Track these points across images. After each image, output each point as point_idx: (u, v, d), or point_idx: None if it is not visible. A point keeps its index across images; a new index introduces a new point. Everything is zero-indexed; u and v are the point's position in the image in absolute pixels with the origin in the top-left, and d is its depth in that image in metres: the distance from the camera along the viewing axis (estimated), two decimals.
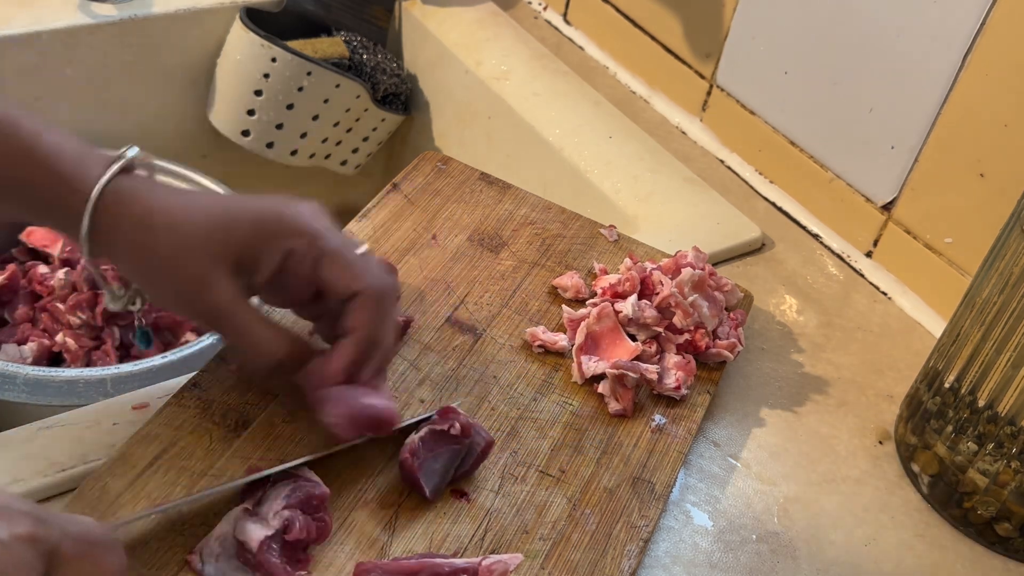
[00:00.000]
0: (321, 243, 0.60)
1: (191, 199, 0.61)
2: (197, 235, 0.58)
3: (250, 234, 0.59)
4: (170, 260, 0.59)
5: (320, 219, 0.61)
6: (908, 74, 0.85)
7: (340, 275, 0.60)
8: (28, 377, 0.83)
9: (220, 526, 0.56)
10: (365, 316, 0.61)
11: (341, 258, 0.60)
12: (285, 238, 0.60)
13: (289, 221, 0.60)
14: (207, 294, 0.59)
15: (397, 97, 1.19)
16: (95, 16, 1.06)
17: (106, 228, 0.58)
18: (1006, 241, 0.67)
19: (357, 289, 0.61)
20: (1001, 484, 0.68)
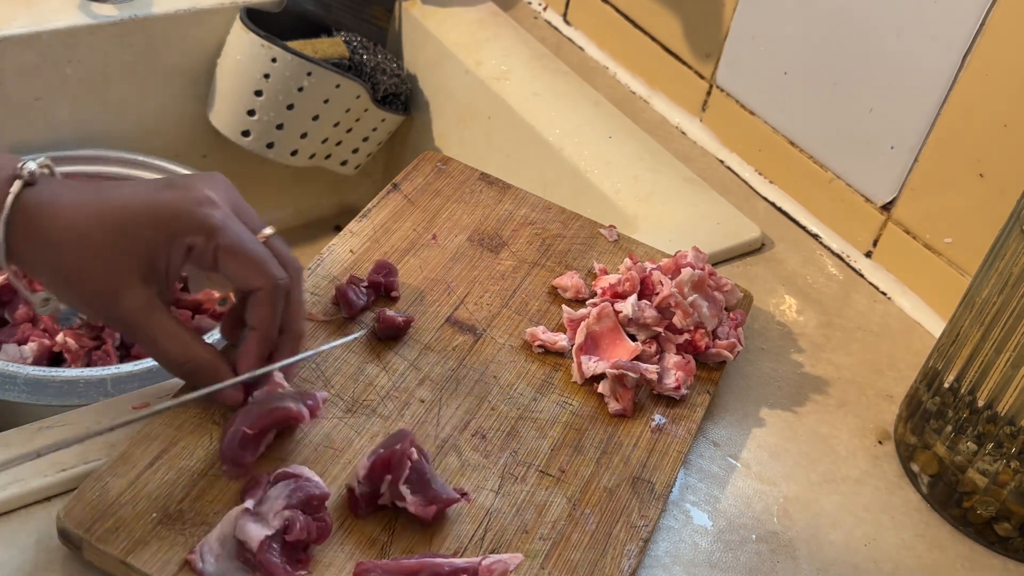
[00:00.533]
0: (218, 238, 0.59)
1: (95, 205, 0.59)
2: (102, 249, 0.58)
3: (152, 238, 0.59)
4: (78, 275, 0.59)
5: (219, 208, 0.60)
6: (908, 74, 0.85)
7: (236, 271, 0.61)
8: (28, 377, 0.83)
9: (220, 526, 0.56)
10: (264, 312, 0.61)
11: (236, 253, 0.60)
12: (184, 235, 0.59)
13: (186, 217, 0.59)
14: (118, 308, 0.60)
15: (397, 97, 1.19)
16: (95, 16, 1.06)
17: (19, 245, 0.59)
18: (1006, 241, 0.67)
19: (253, 286, 0.61)
20: (1001, 484, 0.68)
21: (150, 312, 0.60)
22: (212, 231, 0.59)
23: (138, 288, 0.59)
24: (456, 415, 0.67)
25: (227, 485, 0.59)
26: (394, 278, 0.75)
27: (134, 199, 0.60)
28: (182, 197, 0.60)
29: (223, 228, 0.60)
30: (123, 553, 0.55)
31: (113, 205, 0.59)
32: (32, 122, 1.07)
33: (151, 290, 0.60)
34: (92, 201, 0.59)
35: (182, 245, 0.60)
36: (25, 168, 0.58)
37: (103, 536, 0.55)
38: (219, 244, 0.59)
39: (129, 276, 0.59)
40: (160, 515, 0.57)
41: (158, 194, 0.60)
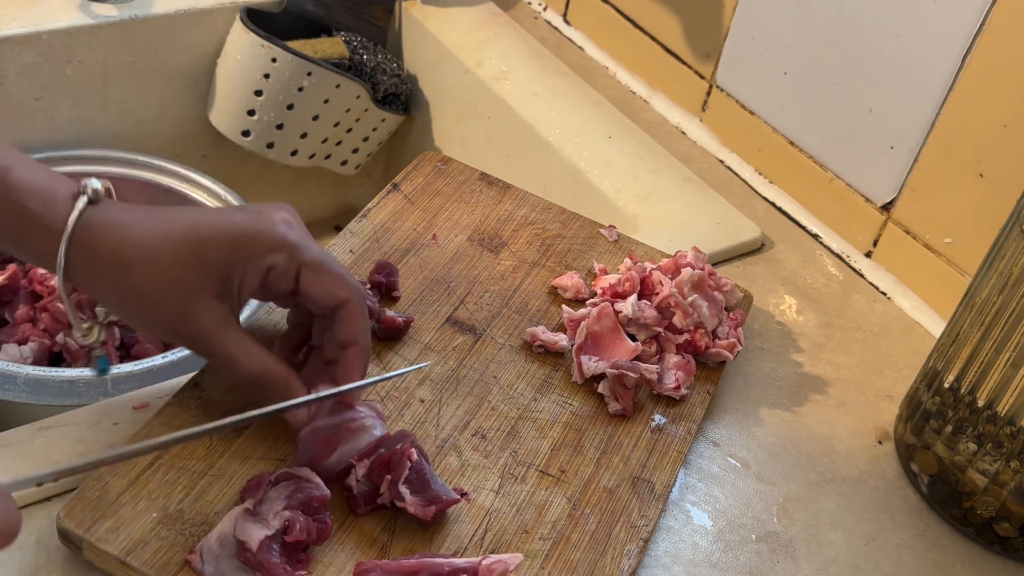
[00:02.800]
0: (300, 256, 0.59)
1: (163, 225, 0.58)
2: (174, 267, 0.58)
3: (228, 257, 0.58)
4: (150, 295, 0.58)
5: (294, 229, 0.60)
6: (908, 74, 0.85)
7: (324, 287, 0.60)
8: (28, 377, 0.83)
9: (220, 526, 0.56)
10: (358, 324, 0.61)
11: (322, 269, 0.60)
12: (263, 255, 0.59)
13: (264, 238, 0.59)
14: (191, 326, 0.59)
15: (397, 97, 1.19)
16: (95, 16, 1.06)
17: (80, 264, 0.58)
18: (1005, 241, 0.67)
19: (342, 299, 0.61)
20: (1001, 484, 0.68)
21: (224, 328, 0.59)
22: (294, 249, 0.59)
23: (211, 305, 0.59)
24: (456, 415, 0.67)
25: (227, 485, 0.59)
26: (395, 278, 0.75)
27: (205, 220, 0.59)
28: (257, 219, 0.59)
29: (304, 246, 0.60)
30: (123, 553, 0.55)
31: (184, 225, 0.58)
32: (32, 122, 1.07)
33: (225, 306, 0.59)
34: (161, 221, 0.59)
35: (260, 265, 0.59)
36: (89, 186, 0.58)
37: (103, 536, 0.55)
38: (303, 261, 0.59)
39: (202, 294, 0.58)
40: (160, 515, 0.57)
41: (231, 216, 0.60)
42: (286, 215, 0.61)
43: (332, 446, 0.61)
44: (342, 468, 0.60)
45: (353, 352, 0.62)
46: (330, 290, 0.60)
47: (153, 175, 1.08)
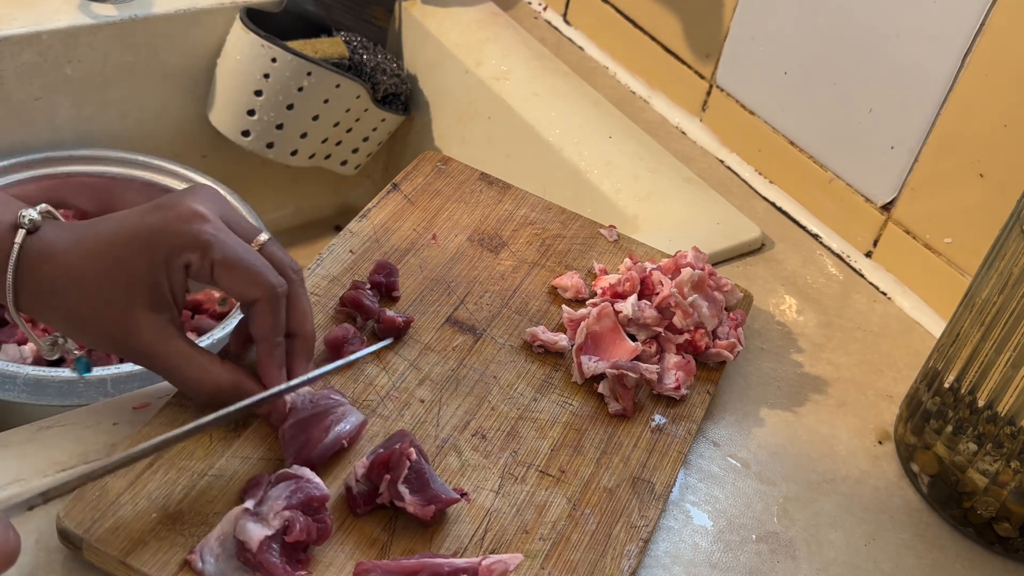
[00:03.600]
0: (210, 254, 0.59)
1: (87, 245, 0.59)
2: (102, 286, 0.58)
3: (147, 263, 0.58)
4: (88, 318, 0.59)
5: (207, 221, 0.59)
6: (908, 74, 0.85)
7: (233, 284, 0.60)
8: (28, 377, 0.83)
9: (220, 526, 0.56)
10: (265, 322, 0.61)
11: (231, 266, 0.59)
12: (177, 255, 0.59)
13: (175, 238, 0.58)
14: (132, 340, 0.60)
15: (397, 97, 1.19)
16: (95, 16, 1.06)
17: (26, 294, 0.59)
18: (1006, 241, 0.67)
19: (252, 297, 0.60)
20: (1001, 484, 0.68)
21: (165, 340, 0.60)
22: (204, 247, 0.58)
23: (147, 318, 0.59)
24: (456, 415, 0.67)
25: (227, 485, 0.59)
26: (395, 278, 0.75)
27: (122, 228, 0.59)
28: (168, 217, 0.59)
29: (214, 242, 0.59)
30: (123, 553, 0.55)
31: (103, 240, 0.59)
32: (32, 122, 1.07)
33: (162, 317, 0.60)
34: (85, 240, 0.59)
35: (178, 264, 0.59)
36: (26, 216, 0.59)
37: (103, 536, 0.55)
38: (213, 259, 0.59)
39: (134, 308, 0.59)
40: (160, 515, 0.57)
41: (145, 218, 0.59)
42: (199, 207, 0.59)
43: (324, 430, 0.61)
44: (336, 451, 0.61)
45: (260, 350, 0.62)
46: (239, 288, 0.60)
47: (153, 175, 1.08)
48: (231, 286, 0.60)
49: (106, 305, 0.59)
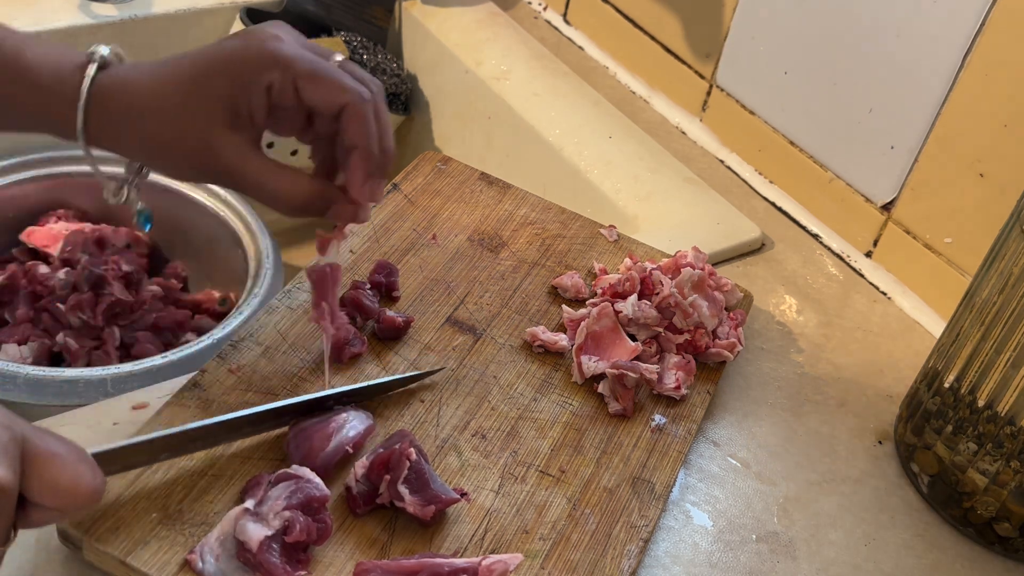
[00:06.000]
0: (295, 68, 0.59)
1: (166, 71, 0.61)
2: (183, 108, 0.60)
3: (227, 84, 0.59)
4: (168, 140, 0.60)
5: (285, 43, 0.60)
6: (908, 74, 0.85)
7: (321, 95, 0.60)
8: (28, 377, 0.83)
9: (220, 526, 0.56)
10: (360, 127, 0.61)
11: (317, 77, 0.59)
12: (259, 74, 0.59)
13: (256, 58, 0.59)
14: (214, 161, 0.61)
15: (397, 97, 1.19)
16: (95, 16, 1.06)
17: (99, 127, 0.61)
18: (1006, 241, 0.67)
19: (341, 103, 0.60)
20: (1001, 484, 0.68)
21: (247, 157, 0.61)
22: (287, 63, 0.59)
23: (228, 136, 0.60)
24: (456, 415, 0.67)
25: (227, 485, 0.59)
26: (395, 278, 0.75)
27: (201, 55, 0.60)
28: (248, 41, 0.60)
29: (296, 57, 0.59)
30: (123, 553, 0.55)
31: (183, 66, 0.60)
32: None
33: (242, 136, 0.60)
34: (162, 71, 0.61)
35: (260, 85, 0.59)
36: (97, 53, 0.60)
37: (103, 536, 0.55)
38: (297, 72, 0.59)
39: (215, 127, 0.60)
40: (160, 515, 0.57)
41: (223, 44, 0.61)
42: (277, 31, 0.61)
43: (326, 438, 0.61)
44: (339, 458, 0.61)
45: (356, 156, 0.61)
46: (328, 97, 0.60)
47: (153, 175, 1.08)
48: (320, 97, 0.60)
49: (187, 128, 0.60)
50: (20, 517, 0.47)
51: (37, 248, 1.03)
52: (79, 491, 0.47)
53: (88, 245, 1.01)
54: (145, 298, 0.99)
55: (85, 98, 0.60)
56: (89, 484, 0.48)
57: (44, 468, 0.46)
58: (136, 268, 1.01)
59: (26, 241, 1.03)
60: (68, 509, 0.48)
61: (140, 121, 0.60)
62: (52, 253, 1.02)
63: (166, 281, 1.03)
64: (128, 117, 0.60)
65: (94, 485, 0.48)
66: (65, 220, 1.05)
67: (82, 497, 0.47)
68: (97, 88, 0.60)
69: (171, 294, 1.03)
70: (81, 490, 0.47)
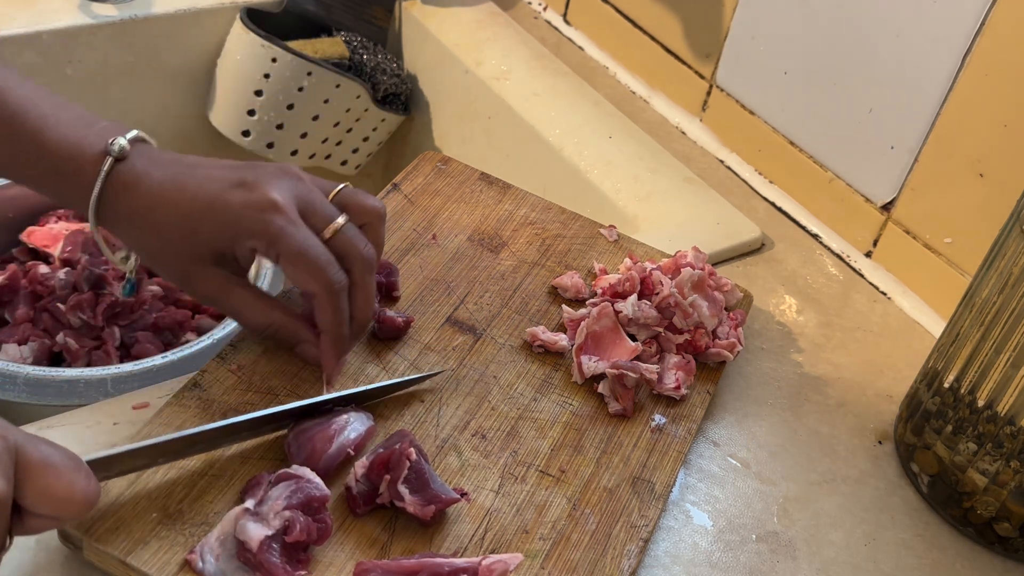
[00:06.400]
0: (276, 245, 0.62)
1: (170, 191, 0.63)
2: (175, 237, 0.64)
3: (218, 235, 0.63)
4: (159, 257, 0.65)
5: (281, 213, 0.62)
6: (908, 74, 0.85)
7: (295, 277, 0.63)
8: (28, 377, 0.83)
9: (220, 526, 0.56)
10: (326, 315, 0.64)
11: (296, 261, 0.62)
12: (248, 238, 0.63)
13: (248, 224, 0.62)
14: (197, 287, 0.65)
15: (397, 97, 1.19)
16: (95, 16, 1.06)
17: (108, 217, 0.64)
18: (1005, 241, 0.67)
19: (312, 291, 0.64)
20: (1001, 484, 0.68)
21: (226, 290, 0.65)
22: (272, 238, 0.62)
23: (211, 272, 0.65)
24: (456, 415, 0.67)
25: (227, 485, 0.59)
26: (395, 278, 0.75)
27: (206, 193, 0.63)
28: (246, 202, 0.62)
29: (282, 236, 0.62)
30: (123, 553, 0.55)
31: (185, 195, 0.63)
32: None
33: (225, 271, 0.65)
34: (169, 187, 0.64)
35: (245, 247, 0.63)
36: (116, 144, 0.63)
37: (103, 536, 0.55)
38: (280, 251, 0.62)
39: (201, 262, 0.64)
40: (160, 515, 0.57)
41: (225, 195, 0.63)
42: (276, 196, 0.62)
43: (328, 440, 0.61)
44: (341, 460, 0.61)
45: (325, 339, 0.65)
46: (302, 282, 0.64)
47: None
48: (293, 277, 0.64)
49: (176, 251, 0.64)
50: (16, 524, 0.47)
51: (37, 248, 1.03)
52: (73, 500, 0.48)
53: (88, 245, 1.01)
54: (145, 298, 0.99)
55: (97, 193, 0.63)
56: (83, 492, 0.48)
57: (38, 477, 0.47)
58: None
59: (26, 241, 1.03)
60: (63, 517, 0.49)
61: (139, 231, 0.65)
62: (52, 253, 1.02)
63: (166, 281, 1.03)
64: (132, 221, 0.64)
65: (88, 493, 0.49)
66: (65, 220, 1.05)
67: (76, 505, 0.48)
68: (111, 181, 0.63)
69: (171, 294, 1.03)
70: (75, 499, 0.48)
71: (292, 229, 0.62)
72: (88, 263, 0.97)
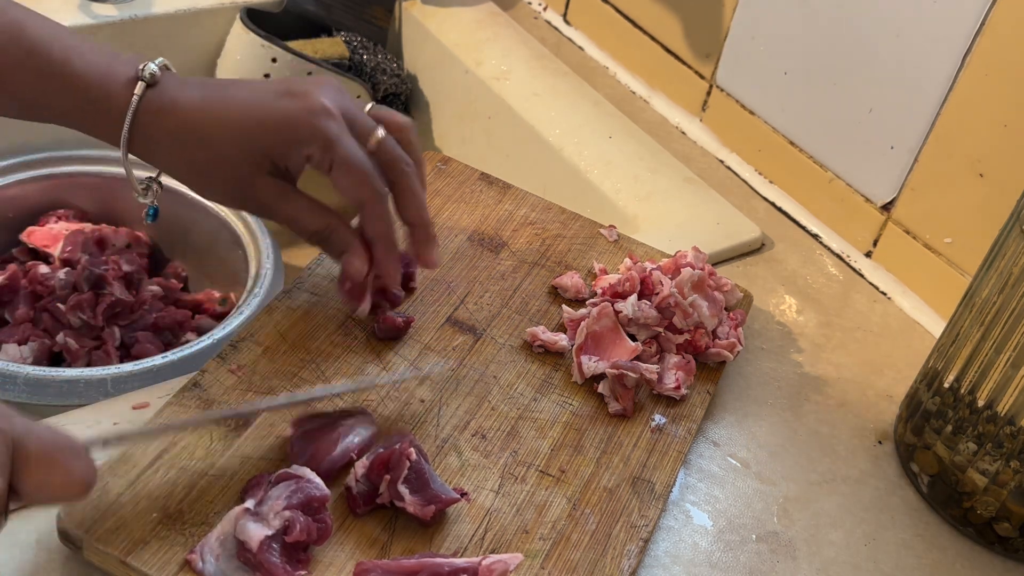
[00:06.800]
0: (331, 152, 0.63)
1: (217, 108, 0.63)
2: (229, 150, 0.63)
3: (273, 143, 0.63)
4: (210, 172, 0.64)
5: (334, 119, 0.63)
6: (908, 74, 0.85)
7: (346, 185, 0.64)
8: (28, 377, 0.83)
9: (220, 526, 0.56)
10: (376, 224, 0.66)
11: (348, 167, 0.63)
12: (301, 146, 0.63)
13: (302, 130, 0.63)
14: (252, 199, 0.65)
15: (397, 97, 1.19)
16: (95, 16, 1.06)
17: (143, 143, 0.64)
18: (1005, 241, 0.67)
19: (359, 198, 0.64)
20: (1001, 484, 0.68)
21: (282, 198, 0.65)
22: (328, 144, 0.63)
23: (267, 181, 0.65)
24: (456, 415, 0.67)
25: (227, 485, 0.59)
26: (413, 269, 0.75)
27: (255, 104, 0.63)
28: (300, 108, 0.63)
29: (338, 141, 0.63)
30: (123, 553, 0.55)
31: (234, 109, 0.63)
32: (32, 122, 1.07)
33: (280, 180, 0.65)
34: (213, 102, 0.63)
35: (300, 154, 0.63)
36: (147, 70, 0.63)
37: (103, 536, 0.55)
38: (333, 157, 0.63)
39: (257, 172, 0.64)
40: (160, 515, 0.57)
41: (278, 102, 0.63)
42: (327, 102, 0.63)
43: (332, 443, 0.61)
44: (344, 463, 0.61)
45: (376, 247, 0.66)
46: (351, 190, 0.64)
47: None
48: (344, 186, 0.64)
49: (231, 166, 0.64)
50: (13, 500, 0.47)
51: (37, 248, 1.03)
52: (70, 489, 0.49)
53: (88, 245, 1.01)
54: (145, 298, 0.99)
55: (131, 117, 0.62)
56: (80, 481, 0.49)
57: (36, 471, 0.47)
58: (136, 268, 1.01)
59: (26, 241, 1.03)
60: (60, 502, 0.49)
61: (183, 148, 0.64)
62: (52, 253, 1.02)
63: (166, 281, 1.03)
64: (175, 140, 0.64)
65: (85, 481, 0.49)
66: (65, 220, 1.05)
67: (73, 494, 0.49)
68: (144, 106, 0.63)
69: (171, 294, 1.03)
70: (72, 488, 0.49)
71: (345, 136, 0.64)
72: (88, 263, 0.97)
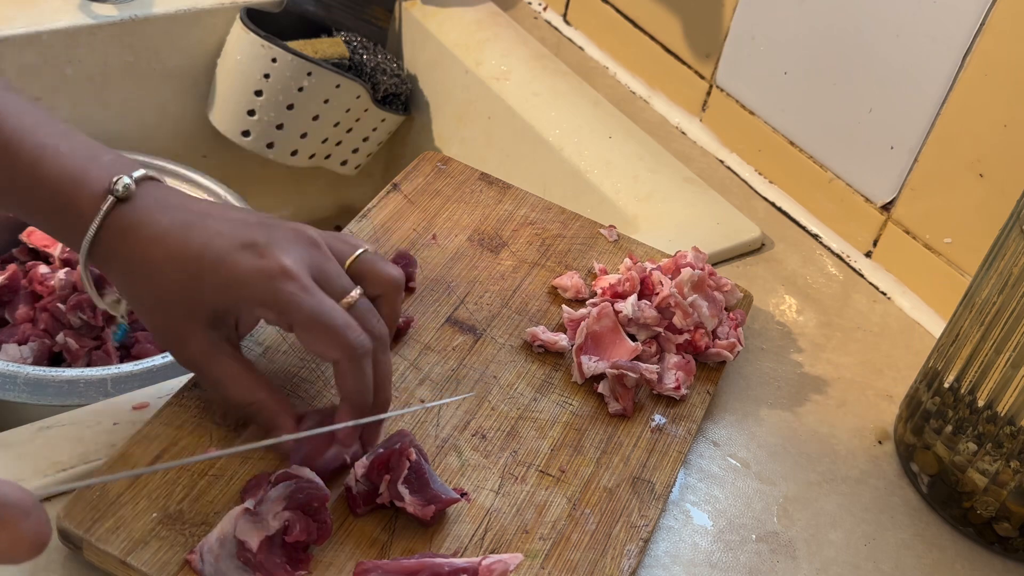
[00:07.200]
0: (290, 315, 0.57)
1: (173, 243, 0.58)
2: (173, 291, 0.58)
3: (222, 298, 0.58)
4: (149, 309, 0.60)
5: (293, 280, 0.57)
6: (908, 74, 0.85)
7: (312, 346, 0.58)
8: (28, 377, 0.83)
9: (220, 526, 0.56)
10: (348, 383, 0.59)
11: (311, 328, 0.57)
12: (255, 307, 0.58)
13: (258, 292, 0.57)
14: (182, 349, 0.60)
15: (397, 97, 1.19)
16: (95, 16, 1.06)
17: (102, 258, 0.59)
18: (1005, 241, 0.67)
19: (332, 358, 0.59)
20: (1001, 484, 0.68)
21: (214, 356, 0.60)
22: (284, 308, 0.57)
23: (203, 333, 0.59)
24: (456, 415, 0.67)
25: (227, 485, 0.59)
26: (413, 268, 0.75)
27: (210, 252, 0.58)
28: (255, 267, 0.57)
29: (292, 304, 0.57)
30: (123, 553, 0.55)
31: (191, 251, 0.58)
32: None
33: (218, 334, 0.60)
34: (174, 238, 0.58)
35: (253, 315, 0.59)
36: (120, 183, 0.58)
37: (103, 536, 0.55)
38: (293, 320, 0.57)
39: (194, 322, 0.59)
40: (160, 515, 0.57)
41: (234, 255, 0.58)
42: (288, 262, 0.58)
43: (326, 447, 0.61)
44: (337, 465, 0.61)
45: (342, 408, 0.60)
46: (319, 349, 0.58)
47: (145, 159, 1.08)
48: (310, 347, 0.59)
49: (168, 307, 0.59)
50: None
51: (37, 248, 1.03)
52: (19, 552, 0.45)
53: None
54: None
55: (92, 234, 0.58)
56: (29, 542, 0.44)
57: None
58: None
59: (26, 241, 1.03)
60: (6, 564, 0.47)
61: (134, 277, 0.59)
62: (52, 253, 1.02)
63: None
64: (127, 267, 0.59)
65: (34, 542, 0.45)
66: None
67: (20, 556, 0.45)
68: (110, 222, 0.58)
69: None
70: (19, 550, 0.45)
71: (304, 296, 0.57)
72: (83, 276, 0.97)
